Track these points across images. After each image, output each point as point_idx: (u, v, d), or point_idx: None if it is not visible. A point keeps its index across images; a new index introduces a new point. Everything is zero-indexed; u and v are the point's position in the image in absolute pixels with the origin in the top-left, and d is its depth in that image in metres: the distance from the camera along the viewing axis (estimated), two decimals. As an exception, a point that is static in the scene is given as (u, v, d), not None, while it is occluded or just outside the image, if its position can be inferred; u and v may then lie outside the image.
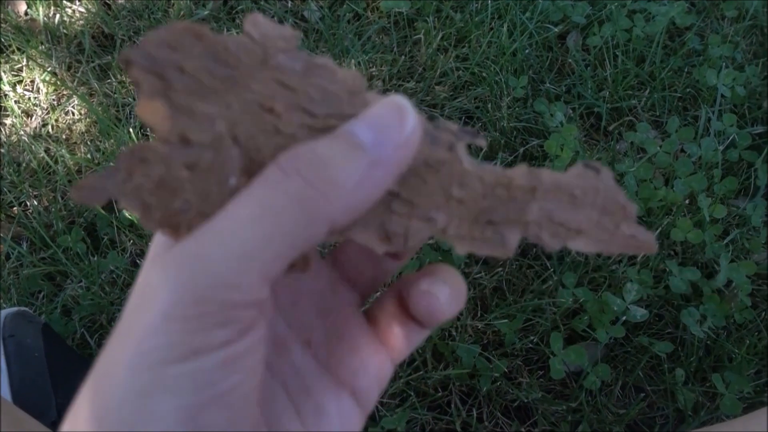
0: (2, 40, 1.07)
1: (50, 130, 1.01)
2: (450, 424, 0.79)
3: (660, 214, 0.91)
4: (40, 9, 1.10)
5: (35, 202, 0.93)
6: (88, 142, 0.99)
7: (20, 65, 1.06)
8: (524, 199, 0.24)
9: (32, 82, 1.06)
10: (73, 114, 1.03)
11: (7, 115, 1.02)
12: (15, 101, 1.03)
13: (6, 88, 1.04)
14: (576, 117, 1.01)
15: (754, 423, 0.59)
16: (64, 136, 1.00)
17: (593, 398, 0.80)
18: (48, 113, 1.03)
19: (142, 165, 0.22)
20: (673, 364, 0.82)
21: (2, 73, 1.05)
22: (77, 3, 1.12)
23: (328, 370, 0.27)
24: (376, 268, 0.29)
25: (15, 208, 0.93)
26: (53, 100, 1.05)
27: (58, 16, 1.10)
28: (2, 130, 1.00)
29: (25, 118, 1.02)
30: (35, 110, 1.03)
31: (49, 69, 1.06)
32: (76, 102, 1.03)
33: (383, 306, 0.28)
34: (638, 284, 0.84)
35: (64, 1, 1.11)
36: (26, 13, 1.11)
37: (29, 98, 1.04)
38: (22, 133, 0.99)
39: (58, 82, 1.05)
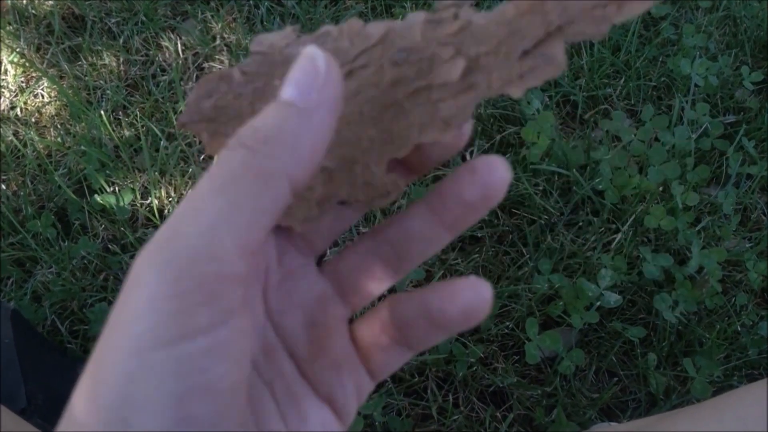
0: (-32, 19, 1.04)
1: (19, 112, 0.98)
2: (426, 410, 0.79)
3: (634, 201, 0.92)
4: (8, -12, 1.07)
5: (3, 186, 0.91)
6: (58, 126, 0.97)
7: (-13, 46, 1.04)
8: (539, 11, 0.23)
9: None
10: (43, 96, 1.00)
11: (-26, 97, 0.99)
12: (-19, 83, 1.00)
13: (-28, 69, 1.01)
14: (552, 105, 1.02)
15: (723, 404, 0.60)
16: (33, 119, 0.98)
17: (567, 383, 0.81)
18: (16, 95, 1.00)
19: (222, 83, 0.27)
20: (646, 349, 0.84)
21: (-32, 54, 1.02)
22: (46, -17, 1.09)
23: (309, 382, 0.27)
24: (371, 282, 0.28)
25: (-18, 193, 0.91)
26: (22, 82, 1.02)
27: (26, -5, 1.07)
28: (-32, 112, 0.97)
29: (-8, 101, 1.00)
30: (3, 92, 1.00)
31: (17, 50, 1.03)
32: (45, 84, 1.00)
33: (369, 325, 0.28)
34: (612, 270, 0.85)
35: (33, -19, 1.09)
36: (-7, -7, 1.08)
37: (-4, 80, 1.01)
38: (-11, 115, 0.97)
39: (27, 64, 1.02)
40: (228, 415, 0.21)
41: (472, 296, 0.24)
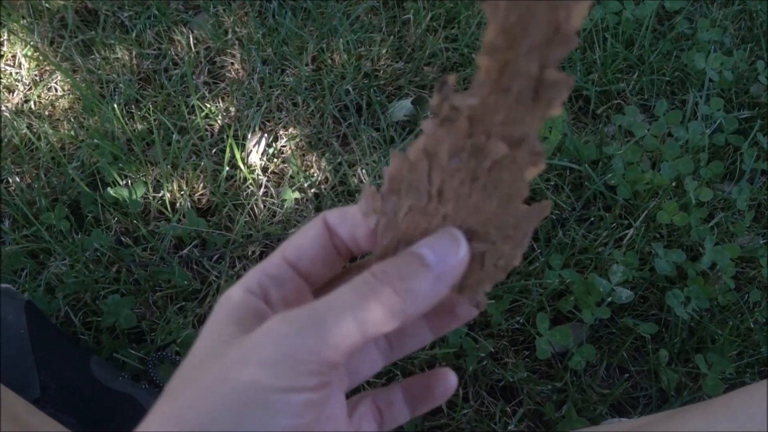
0: (-17, 13, 1.05)
1: (32, 106, 0.99)
2: (436, 404, 0.79)
3: (647, 196, 0.91)
4: (22, -18, 1.07)
5: (17, 179, 0.92)
6: (72, 119, 0.98)
7: (1, 39, 1.04)
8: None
9: (14, 56, 1.04)
10: (56, 90, 1.01)
11: (-12, 90, 1.00)
12: (-4, 76, 1.01)
13: (-13, 62, 1.02)
14: (565, 99, 1.01)
15: (734, 401, 0.59)
16: (46, 113, 0.99)
17: (578, 378, 0.81)
18: (30, 89, 1.01)
19: (386, 200, 0.30)
20: (657, 345, 0.83)
21: (-17, 47, 1.03)
22: (60, -23, 1.10)
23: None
24: (367, 367, 0.36)
25: (-4, 185, 0.92)
26: (35, 75, 1.03)
27: (40, -11, 1.08)
28: (-17, 105, 0.98)
29: (6, 94, 1.00)
30: (17, 86, 1.01)
31: (31, 44, 1.04)
32: (58, 78, 1.01)
33: (358, 401, 0.36)
34: (624, 266, 0.85)
35: (47, -25, 1.09)
36: (7, -14, 1.09)
37: (11, 73, 1.02)
38: (3, 108, 0.98)
39: (41, 57, 1.03)
40: None
41: (451, 380, 0.35)
